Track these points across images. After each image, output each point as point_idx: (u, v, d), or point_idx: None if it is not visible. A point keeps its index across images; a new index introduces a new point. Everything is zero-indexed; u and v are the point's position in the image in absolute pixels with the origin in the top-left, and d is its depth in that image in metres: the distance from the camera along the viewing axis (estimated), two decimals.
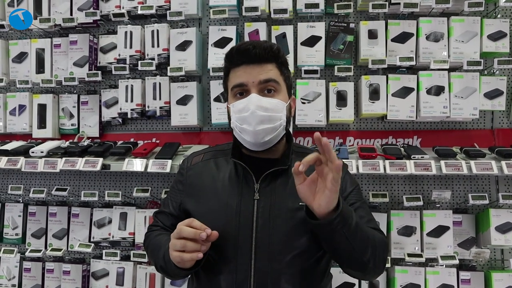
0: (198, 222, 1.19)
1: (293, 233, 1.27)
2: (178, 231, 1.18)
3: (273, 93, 1.33)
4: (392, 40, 2.22)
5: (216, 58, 2.27)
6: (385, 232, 2.16)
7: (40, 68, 2.51)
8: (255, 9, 2.19)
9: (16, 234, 2.49)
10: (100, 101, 2.51)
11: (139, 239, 2.28)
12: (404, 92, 2.20)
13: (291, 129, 2.20)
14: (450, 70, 2.20)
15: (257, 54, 1.31)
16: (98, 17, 2.37)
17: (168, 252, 1.23)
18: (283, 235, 1.27)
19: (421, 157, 1.99)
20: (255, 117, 1.28)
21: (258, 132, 1.29)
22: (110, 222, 2.37)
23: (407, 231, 2.16)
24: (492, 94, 2.19)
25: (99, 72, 2.40)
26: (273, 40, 2.27)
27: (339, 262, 1.30)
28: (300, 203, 1.28)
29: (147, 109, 2.39)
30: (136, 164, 2.10)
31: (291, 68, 2.14)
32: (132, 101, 2.40)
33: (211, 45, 2.30)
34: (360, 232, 1.19)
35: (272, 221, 1.28)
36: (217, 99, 2.30)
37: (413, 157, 1.99)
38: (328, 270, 1.40)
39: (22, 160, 2.20)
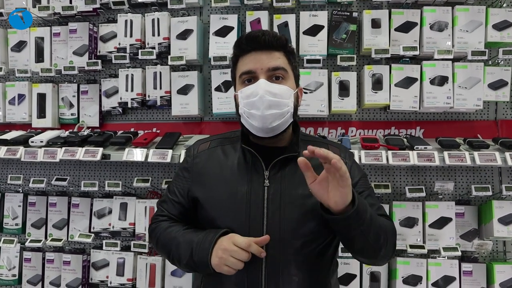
0: (255, 247, 1.22)
1: (303, 220, 1.27)
2: (235, 253, 1.21)
3: (281, 80, 1.34)
4: (396, 29, 2.19)
5: (217, 47, 2.25)
6: None
7: (39, 57, 2.48)
8: None
9: (16, 224, 2.48)
10: (100, 90, 2.49)
11: (140, 229, 2.27)
12: (407, 82, 2.18)
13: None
14: (454, 60, 2.17)
15: (266, 41, 1.32)
16: (97, 5, 2.34)
17: (198, 252, 1.26)
18: (293, 222, 1.27)
19: (424, 147, 1.97)
20: (263, 101, 1.28)
21: (266, 117, 1.29)
22: (110, 212, 2.36)
23: (409, 222, 2.14)
24: (496, 85, 2.17)
25: (99, 61, 2.38)
26: (275, 29, 2.24)
27: (351, 251, 1.32)
28: (310, 190, 1.29)
29: (147, 98, 2.37)
30: (137, 154, 2.08)
31: None
32: (132, 90, 2.37)
33: (212, 34, 2.27)
34: (374, 224, 1.22)
35: (282, 208, 1.29)
36: (218, 89, 2.28)
37: (416, 147, 1.97)
38: (336, 256, 1.41)
39: (21, 149, 2.18)
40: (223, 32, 2.26)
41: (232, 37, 2.24)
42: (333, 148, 1.44)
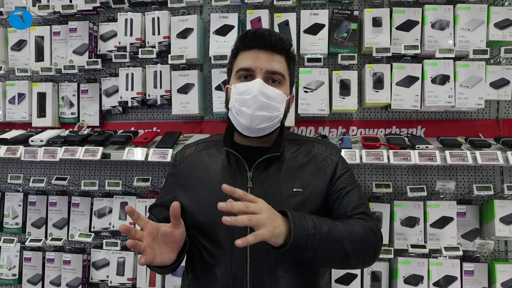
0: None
1: None
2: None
3: (277, 84, 1.33)
4: (397, 28, 2.18)
5: (218, 46, 2.24)
6: (387, 223, 2.15)
7: (39, 56, 2.47)
8: None
9: (16, 224, 2.48)
10: (100, 89, 2.49)
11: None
12: (408, 81, 2.17)
13: (290, 120, 2.20)
14: (456, 59, 2.16)
15: (271, 41, 1.31)
16: (98, 4, 2.32)
17: None
18: None
19: (426, 147, 1.96)
20: (256, 101, 1.27)
21: (255, 117, 1.28)
22: (110, 211, 2.36)
23: (410, 222, 2.13)
24: (498, 84, 2.16)
25: (99, 60, 2.38)
26: (276, 28, 2.23)
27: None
28: (294, 189, 1.29)
29: (147, 97, 2.37)
30: (137, 153, 2.07)
31: None
32: (132, 89, 2.37)
33: (213, 32, 2.26)
34: (329, 242, 1.17)
35: None
36: (218, 88, 2.27)
37: (417, 147, 1.96)
38: None
39: (21, 149, 2.17)
40: (224, 31, 2.25)
41: (233, 36, 2.23)
42: (318, 145, 1.43)
